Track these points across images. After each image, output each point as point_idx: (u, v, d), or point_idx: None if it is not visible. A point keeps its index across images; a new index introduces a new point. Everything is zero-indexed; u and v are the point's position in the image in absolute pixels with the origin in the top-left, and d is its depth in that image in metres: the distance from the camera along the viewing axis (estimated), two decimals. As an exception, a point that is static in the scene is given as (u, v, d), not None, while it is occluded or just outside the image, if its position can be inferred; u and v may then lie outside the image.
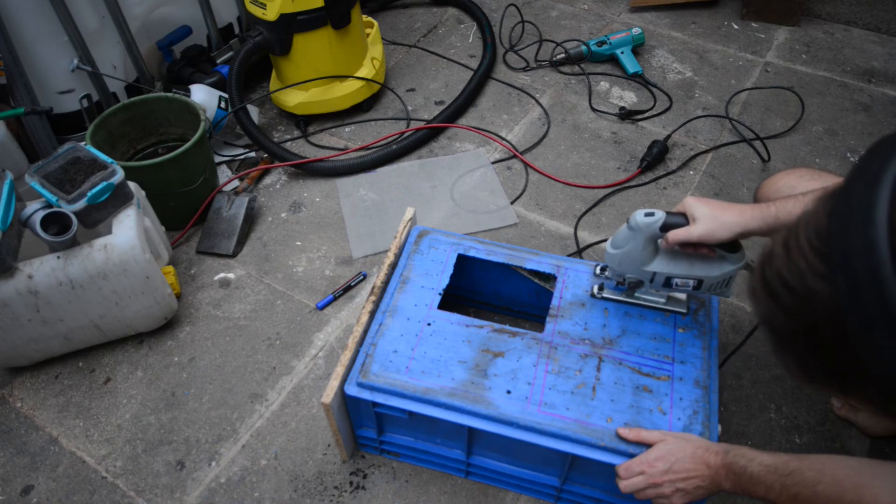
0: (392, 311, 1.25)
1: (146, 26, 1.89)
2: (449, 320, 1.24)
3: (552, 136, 1.99)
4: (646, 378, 1.14)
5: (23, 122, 1.72)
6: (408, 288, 1.29)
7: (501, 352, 1.19)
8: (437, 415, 1.12)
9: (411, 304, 1.26)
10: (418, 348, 1.20)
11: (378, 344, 1.20)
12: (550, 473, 1.21)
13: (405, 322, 1.23)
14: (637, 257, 1.10)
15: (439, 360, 1.18)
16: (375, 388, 1.15)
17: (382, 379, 1.15)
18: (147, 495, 1.29)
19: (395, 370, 1.16)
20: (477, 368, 1.16)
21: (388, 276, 1.31)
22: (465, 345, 1.20)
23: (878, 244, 0.48)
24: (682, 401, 1.11)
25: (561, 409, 1.11)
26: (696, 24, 2.40)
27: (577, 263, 1.32)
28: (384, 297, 1.28)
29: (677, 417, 1.09)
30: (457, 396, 1.12)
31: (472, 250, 1.34)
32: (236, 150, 1.96)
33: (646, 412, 1.10)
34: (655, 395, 1.12)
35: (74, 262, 1.32)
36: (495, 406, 1.11)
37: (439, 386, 1.14)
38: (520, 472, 1.23)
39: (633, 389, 1.13)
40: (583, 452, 1.07)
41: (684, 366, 1.16)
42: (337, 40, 1.90)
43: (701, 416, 1.09)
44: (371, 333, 1.22)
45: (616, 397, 1.12)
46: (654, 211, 1.05)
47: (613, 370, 1.15)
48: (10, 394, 1.46)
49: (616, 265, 1.14)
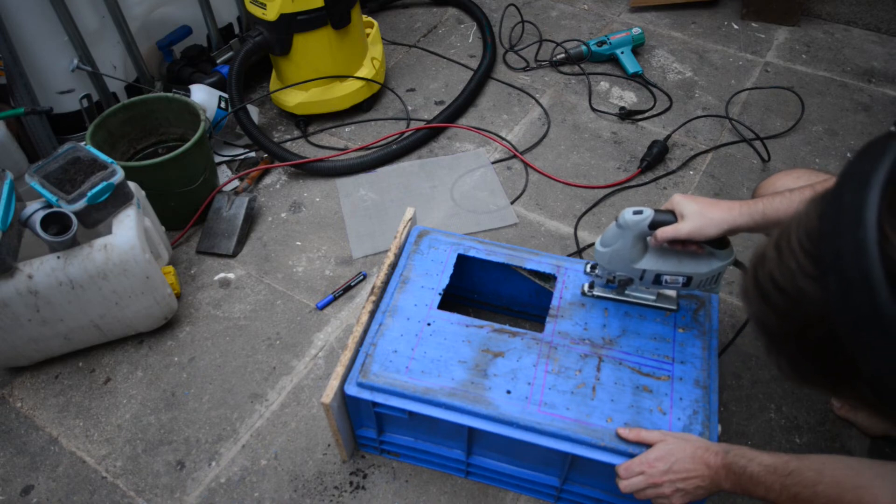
0: (392, 311, 1.25)
1: (146, 26, 1.89)
2: (449, 320, 1.24)
3: (552, 136, 1.99)
4: (646, 378, 1.14)
5: (23, 122, 1.72)
6: (408, 288, 1.28)
7: (501, 352, 1.19)
8: (437, 415, 1.12)
9: (411, 304, 1.26)
10: (418, 348, 1.19)
11: (378, 344, 1.20)
12: (550, 473, 1.20)
13: (405, 322, 1.23)
14: (626, 255, 1.10)
15: (439, 360, 1.18)
16: (375, 388, 1.15)
17: (382, 379, 1.15)
18: (147, 495, 1.29)
19: (394, 370, 1.16)
20: (477, 368, 1.16)
21: (388, 276, 1.31)
22: (465, 345, 1.20)
23: (867, 246, 0.48)
24: (682, 401, 1.11)
25: (561, 409, 1.11)
26: (696, 24, 2.40)
27: (576, 263, 1.32)
28: (384, 297, 1.28)
29: (677, 417, 1.09)
30: (457, 396, 1.12)
31: (472, 250, 1.34)
32: (236, 150, 1.96)
33: (646, 412, 1.10)
34: (655, 395, 1.12)
35: (74, 262, 1.32)
36: (495, 406, 1.11)
37: (439, 386, 1.14)
38: (520, 472, 1.23)
39: (633, 389, 1.13)
40: (583, 452, 1.07)
41: (684, 366, 1.16)
42: (337, 40, 1.90)
43: (701, 415, 1.09)
44: (371, 333, 1.22)
45: (616, 397, 1.12)
46: (642, 209, 1.05)
47: (613, 370, 1.15)
48: (10, 394, 1.46)
49: (606, 263, 1.14)
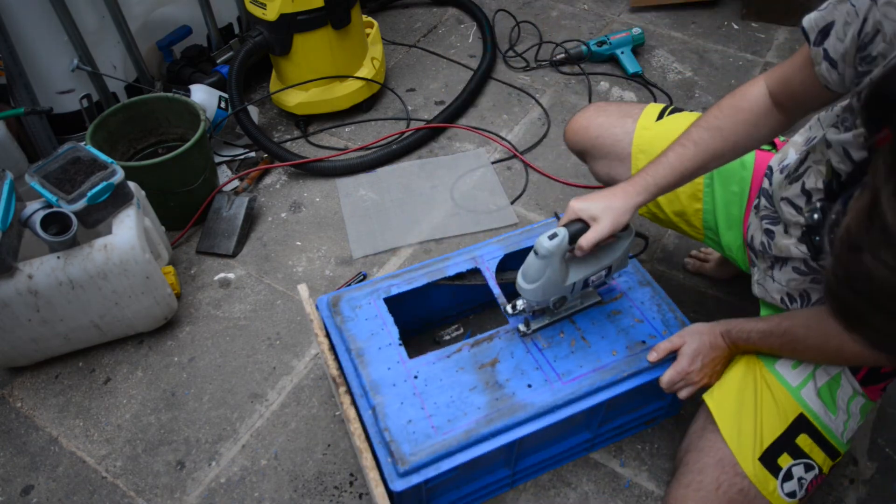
0: (373, 388, 1.15)
1: (146, 26, 1.89)
2: (429, 362, 1.19)
3: (552, 136, 1.99)
4: (609, 305, 1.26)
5: (23, 122, 1.72)
6: (367, 358, 1.19)
7: (495, 359, 1.19)
8: (489, 447, 1.09)
9: (384, 370, 1.17)
10: (426, 404, 1.13)
11: (389, 427, 1.10)
12: (584, 429, 1.25)
13: (393, 389, 1.15)
14: (557, 279, 1.09)
15: (452, 400, 1.13)
16: (421, 466, 1.06)
17: (421, 453, 1.07)
18: (147, 495, 1.29)
19: (424, 437, 1.09)
20: (488, 385, 1.15)
21: (337, 360, 1.20)
22: (461, 373, 1.17)
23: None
24: (644, 304, 1.26)
25: (577, 370, 1.17)
26: (696, 23, 2.40)
27: (485, 245, 1.34)
28: (351, 382, 1.17)
29: (652, 318, 1.24)
30: (494, 419, 1.11)
31: (394, 288, 1.29)
32: (236, 150, 1.96)
33: (631, 330, 1.22)
34: (626, 313, 1.25)
35: (74, 262, 1.32)
36: (530, 404, 1.12)
37: (473, 421, 1.10)
38: (558, 448, 1.25)
39: (608, 319, 1.24)
40: (617, 391, 1.15)
41: (623, 278, 1.29)
42: (337, 40, 1.90)
43: (664, 306, 1.26)
44: (371, 423, 1.12)
45: (603, 333, 1.22)
46: (554, 231, 1.03)
47: (583, 316, 1.25)
48: (10, 394, 1.46)
49: (539, 297, 1.11)
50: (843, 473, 1.26)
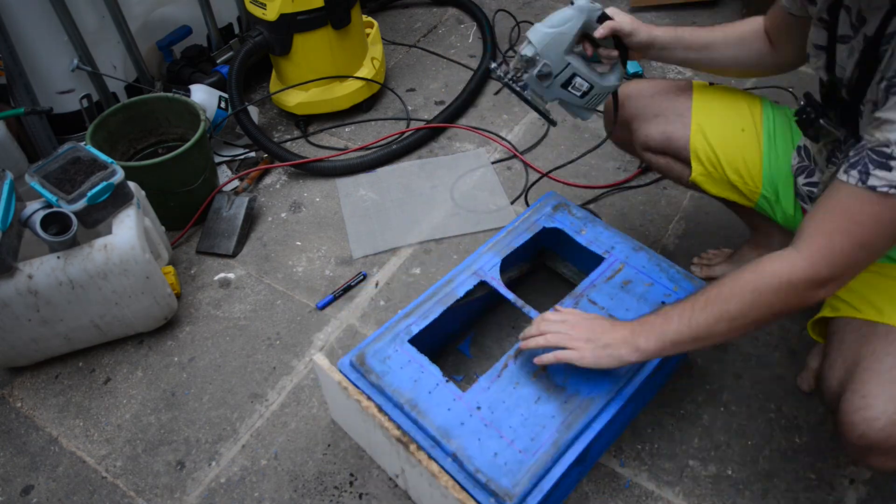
0: (443, 434, 1.10)
1: (146, 26, 1.89)
2: (484, 388, 1.15)
3: (552, 136, 1.99)
4: (616, 277, 1.29)
5: (23, 122, 1.72)
6: (421, 406, 1.13)
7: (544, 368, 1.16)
8: (579, 449, 1.08)
9: (445, 412, 1.12)
10: (503, 429, 1.09)
11: (479, 467, 1.06)
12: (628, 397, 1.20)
13: (462, 428, 1.10)
14: (565, 41, 1.14)
15: (526, 419, 1.11)
16: (527, 494, 1.04)
17: (522, 482, 1.04)
18: (147, 495, 1.30)
19: (517, 464, 1.05)
20: (550, 392, 1.14)
21: (391, 419, 1.13)
22: (520, 388, 1.15)
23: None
24: (646, 267, 1.31)
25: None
26: (696, 23, 2.39)
27: (480, 257, 1.34)
28: (414, 436, 1.11)
29: (659, 278, 1.28)
30: (572, 422, 1.10)
31: (413, 326, 1.24)
32: (236, 150, 1.96)
33: (647, 294, 1.26)
34: (635, 281, 1.29)
35: (74, 262, 1.32)
36: (597, 395, 1.12)
37: (554, 431, 1.09)
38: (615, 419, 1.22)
39: (622, 290, 1.27)
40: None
41: (616, 249, 1.34)
42: (337, 40, 1.90)
43: (664, 265, 1.31)
44: (457, 470, 1.07)
45: (627, 305, 1.25)
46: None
47: (600, 292, 1.27)
48: (10, 394, 1.46)
49: (543, 44, 1.14)
50: (843, 473, 1.26)
